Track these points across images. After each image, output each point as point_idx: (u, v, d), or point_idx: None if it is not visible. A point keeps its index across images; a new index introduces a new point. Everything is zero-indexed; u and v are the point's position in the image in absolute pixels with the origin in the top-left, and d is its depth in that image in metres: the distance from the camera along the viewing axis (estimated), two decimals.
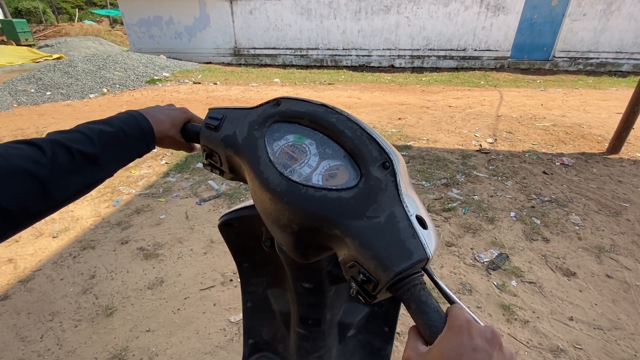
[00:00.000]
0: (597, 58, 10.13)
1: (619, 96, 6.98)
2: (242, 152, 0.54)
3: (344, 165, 0.47)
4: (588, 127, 4.96)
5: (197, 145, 0.69)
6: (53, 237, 2.56)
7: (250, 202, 0.70)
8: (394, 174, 0.44)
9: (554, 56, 10.31)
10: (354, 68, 11.17)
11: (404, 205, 0.42)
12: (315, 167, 0.48)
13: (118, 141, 0.53)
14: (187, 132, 0.66)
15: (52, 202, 0.45)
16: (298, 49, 11.53)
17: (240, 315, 1.89)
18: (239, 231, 0.73)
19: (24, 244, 2.50)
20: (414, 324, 0.38)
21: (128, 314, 1.91)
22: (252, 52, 11.83)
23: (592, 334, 1.80)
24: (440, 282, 0.42)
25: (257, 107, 0.57)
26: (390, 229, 0.40)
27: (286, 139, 0.52)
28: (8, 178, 0.40)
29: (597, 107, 6.13)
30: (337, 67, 11.33)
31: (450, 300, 0.39)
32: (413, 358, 0.34)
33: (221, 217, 0.72)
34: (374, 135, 0.46)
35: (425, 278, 0.42)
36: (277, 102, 0.54)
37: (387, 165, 0.44)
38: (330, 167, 0.47)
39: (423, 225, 0.42)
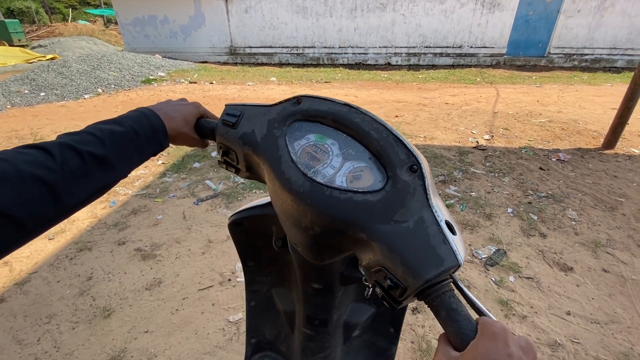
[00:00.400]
0: (592, 54, 10.18)
1: (613, 92, 7.02)
2: (261, 151, 0.53)
3: (369, 167, 0.46)
4: (583, 123, 4.99)
5: (210, 142, 0.68)
6: (49, 239, 2.54)
7: (260, 200, 0.69)
8: (422, 178, 0.43)
9: (549, 52, 10.35)
10: (350, 66, 11.15)
11: (433, 210, 0.41)
12: (339, 168, 0.46)
13: (130, 141, 0.51)
14: (201, 128, 0.64)
15: (63, 208, 0.43)
16: (294, 47, 11.49)
17: (240, 315, 1.89)
18: (248, 230, 0.73)
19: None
20: (443, 331, 0.38)
21: (126, 315, 1.90)
22: (248, 50, 11.78)
23: (589, 328, 1.81)
24: (468, 292, 0.41)
25: (276, 104, 0.56)
26: (420, 234, 0.40)
27: (307, 138, 0.50)
28: (17, 185, 0.38)
29: (592, 103, 6.17)
30: (334, 65, 11.32)
31: (480, 312, 0.38)
32: None
33: (231, 215, 0.72)
34: (400, 137, 0.45)
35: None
36: (297, 100, 0.53)
37: (415, 168, 0.43)
38: (354, 169, 0.46)
39: (452, 230, 0.41)
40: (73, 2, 24.63)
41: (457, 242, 0.40)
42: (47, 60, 10.29)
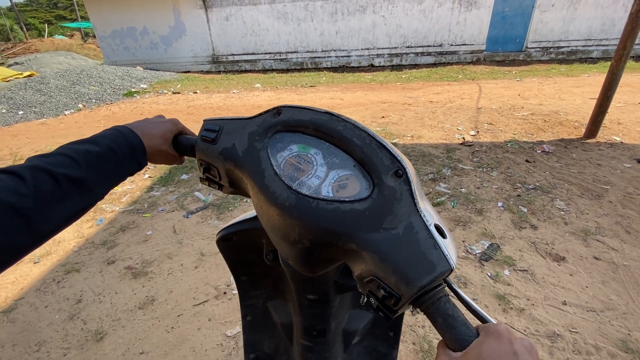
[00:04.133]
0: (568, 46, 10.48)
1: (591, 82, 7.22)
2: (243, 165, 0.52)
3: (354, 175, 0.45)
4: (564, 114, 5.11)
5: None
6: (34, 263, 2.45)
7: (248, 214, 0.68)
8: (408, 182, 0.42)
9: (526, 47, 10.61)
10: (334, 69, 11.21)
11: (422, 215, 0.41)
12: (324, 178, 0.46)
13: (107, 161, 0.49)
14: (180, 145, 0.63)
15: (38, 235, 0.41)
16: (277, 53, 11.49)
17: (237, 329, 1.85)
18: (238, 245, 0.71)
19: (4, 272, 2.38)
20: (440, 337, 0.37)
21: (119, 337, 1.84)
22: (230, 58, 11.73)
23: (586, 317, 1.83)
24: (464, 296, 0.40)
25: (255, 117, 0.55)
26: (410, 241, 0.39)
27: (290, 149, 0.49)
28: None
29: (571, 94, 6.33)
30: (318, 69, 11.35)
31: (479, 316, 0.38)
32: None
33: (219, 232, 0.70)
34: (383, 143, 0.45)
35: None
36: (277, 110, 0.52)
37: (400, 173, 0.43)
38: (339, 178, 0.45)
39: (442, 234, 0.41)
40: (49, 17, 24.15)
41: (448, 246, 0.40)
42: (24, 77, 10.03)
